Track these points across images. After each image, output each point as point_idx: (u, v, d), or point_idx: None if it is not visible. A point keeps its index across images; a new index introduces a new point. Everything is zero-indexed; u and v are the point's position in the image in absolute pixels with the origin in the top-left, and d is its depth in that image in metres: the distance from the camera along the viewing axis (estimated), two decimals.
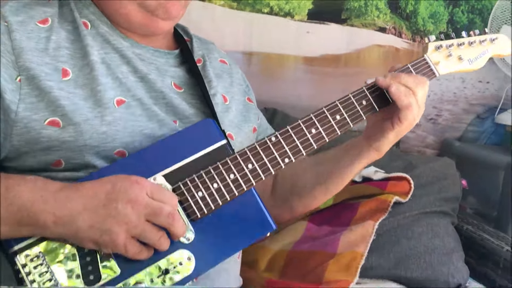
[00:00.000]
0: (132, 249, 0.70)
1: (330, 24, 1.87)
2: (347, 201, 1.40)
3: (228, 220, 0.79)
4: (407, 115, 0.87)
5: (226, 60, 1.06)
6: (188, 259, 0.75)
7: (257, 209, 0.81)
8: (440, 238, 1.33)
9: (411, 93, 0.87)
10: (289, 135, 0.84)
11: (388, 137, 0.91)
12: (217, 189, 0.78)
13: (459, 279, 1.27)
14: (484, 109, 2.05)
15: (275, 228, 0.81)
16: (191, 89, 0.93)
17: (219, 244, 0.78)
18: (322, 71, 1.90)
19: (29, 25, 0.81)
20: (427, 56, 0.96)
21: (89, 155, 0.78)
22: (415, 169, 1.48)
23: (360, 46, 1.93)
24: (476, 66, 1.00)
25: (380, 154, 0.95)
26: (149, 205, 0.70)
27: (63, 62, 0.80)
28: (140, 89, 0.86)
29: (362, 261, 1.21)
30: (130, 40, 0.89)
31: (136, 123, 0.82)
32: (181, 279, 0.74)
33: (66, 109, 0.77)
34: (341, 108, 0.88)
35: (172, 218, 0.71)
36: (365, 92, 0.89)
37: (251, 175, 0.80)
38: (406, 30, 1.96)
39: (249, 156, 0.81)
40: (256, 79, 1.79)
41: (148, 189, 0.71)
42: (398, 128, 0.89)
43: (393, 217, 1.35)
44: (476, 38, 0.99)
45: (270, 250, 1.29)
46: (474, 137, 2.06)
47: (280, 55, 1.87)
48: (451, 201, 1.47)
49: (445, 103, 2.02)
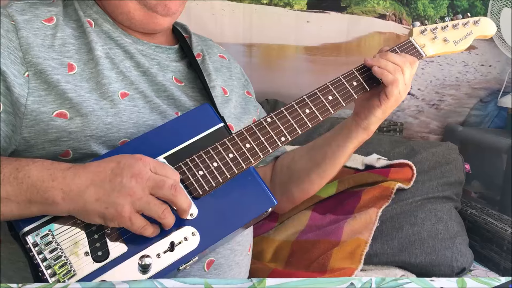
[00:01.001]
0: (137, 222, 0.72)
1: (330, 13, 1.87)
2: (350, 189, 1.41)
3: (230, 197, 0.81)
4: (393, 90, 0.90)
5: (225, 55, 1.10)
6: (193, 234, 0.77)
7: (257, 186, 0.84)
8: (444, 223, 1.34)
9: (398, 69, 0.90)
10: (284, 115, 0.88)
11: (376, 114, 0.94)
12: (216, 167, 0.81)
13: (463, 263, 1.28)
14: (487, 93, 2.04)
15: (276, 203, 0.84)
16: (192, 82, 0.96)
17: (222, 219, 0.80)
18: (323, 60, 1.90)
19: (35, 23, 0.85)
20: (412, 39, 1.00)
21: (95, 145, 0.82)
22: (417, 155, 1.49)
23: (360, 34, 1.92)
24: (462, 47, 1.03)
25: (369, 132, 0.98)
26: (152, 178, 0.72)
27: (68, 57, 0.85)
28: (143, 82, 0.89)
29: (366, 248, 1.22)
30: (132, 37, 0.93)
31: (139, 114, 0.86)
32: (187, 253, 0.77)
33: (73, 101, 0.81)
34: (333, 89, 0.91)
35: (175, 189, 0.73)
36: (355, 73, 0.93)
37: (249, 154, 0.83)
38: (406, 16, 1.95)
39: (246, 136, 0.84)
40: (257, 70, 1.79)
41: (152, 165, 0.73)
42: (385, 104, 0.93)
43: (396, 203, 1.36)
44: (460, 21, 1.03)
45: (275, 240, 1.31)
46: (477, 121, 2.06)
47: (280, 45, 1.87)
48: (454, 185, 1.47)
49: (448, 88, 2.01)
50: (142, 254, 0.74)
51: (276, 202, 0.84)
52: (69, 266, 0.72)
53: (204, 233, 0.78)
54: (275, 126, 0.86)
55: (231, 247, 0.91)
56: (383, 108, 0.94)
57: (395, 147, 1.55)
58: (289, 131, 0.87)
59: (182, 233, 0.77)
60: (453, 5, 1.98)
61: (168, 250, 0.76)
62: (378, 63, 0.91)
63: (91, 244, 0.74)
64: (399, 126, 1.83)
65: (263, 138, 0.85)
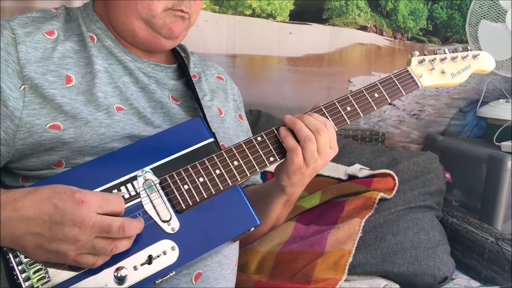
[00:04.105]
0: (85, 263, 0.70)
1: (312, 25, 1.89)
2: (334, 200, 1.42)
3: (213, 214, 0.81)
4: (292, 157, 0.84)
5: (223, 76, 1.11)
6: (172, 248, 0.77)
7: (242, 204, 0.83)
8: (426, 232, 1.35)
9: (310, 137, 0.84)
10: (274, 135, 0.87)
11: (282, 178, 0.89)
12: (202, 183, 0.80)
13: (445, 271, 1.29)
14: (466, 103, 2.08)
15: (259, 222, 0.83)
16: (188, 101, 0.98)
17: (203, 235, 0.80)
18: (306, 71, 1.92)
19: (37, 35, 0.86)
20: (409, 68, 0.99)
21: (88, 156, 0.82)
22: (399, 165, 1.50)
23: (342, 45, 1.95)
24: (459, 80, 1.03)
25: (289, 196, 0.92)
26: (97, 223, 0.68)
27: (67, 69, 0.85)
28: (141, 98, 0.90)
29: (350, 259, 1.23)
30: (132, 55, 0.94)
31: (134, 127, 0.86)
32: (165, 267, 0.76)
33: (68, 115, 0.82)
34: None
35: (123, 230, 0.70)
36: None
37: (236, 171, 0.83)
38: (387, 27, 1.98)
39: (235, 153, 0.84)
40: (240, 81, 1.80)
41: (95, 205, 0.69)
42: (287, 170, 0.87)
43: (378, 213, 1.37)
44: (459, 54, 1.03)
45: (259, 252, 1.31)
46: (457, 131, 2.10)
47: (263, 56, 1.89)
48: (435, 194, 1.49)
49: (428, 98, 2.05)
50: (119, 265, 0.73)
51: (259, 222, 0.83)
52: (44, 272, 0.71)
53: (184, 248, 0.77)
54: (264, 146, 0.86)
55: (219, 260, 0.90)
56: (288, 174, 0.87)
57: (377, 156, 1.56)
58: (278, 152, 0.86)
59: (161, 246, 0.76)
60: (432, 17, 2.02)
61: (146, 263, 0.75)
62: (293, 125, 0.85)
63: None
64: (381, 136, 1.86)
65: (251, 157, 0.84)
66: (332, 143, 0.86)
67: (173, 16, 0.90)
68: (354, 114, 0.92)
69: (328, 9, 1.90)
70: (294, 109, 1.87)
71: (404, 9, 1.98)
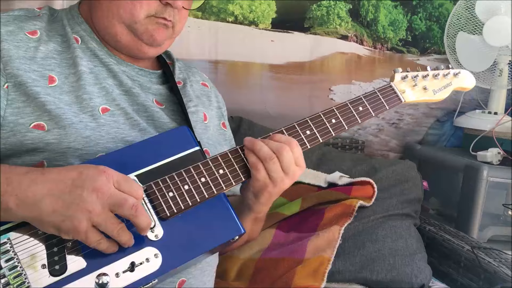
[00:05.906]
0: (92, 237, 0.70)
1: (294, 33, 1.91)
2: (314, 207, 1.42)
3: (198, 222, 0.81)
4: (256, 175, 0.85)
5: (207, 83, 1.11)
6: (155, 256, 0.76)
7: (227, 213, 0.83)
8: (404, 240, 1.37)
9: (271, 156, 0.84)
10: None
11: (248, 196, 0.90)
12: (187, 190, 0.80)
13: (422, 279, 1.31)
14: (443, 112, 2.12)
15: (244, 231, 0.83)
16: (172, 106, 0.97)
17: (187, 243, 0.79)
18: (287, 78, 1.93)
19: (19, 34, 0.85)
20: (393, 84, 1.02)
21: (72, 158, 0.81)
22: (378, 173, 1.52)
23: (323, 54, 1.97)
24: (440, 96, 1.06)
25: (256, 213, 0.93)
26: (114, 195, 0.70)
27: (49, 70, 0.84)
28: (124, 101, 0.90)
29: (329, 266, 1.24)
30: (117, 58, 0.93)
31: (119, 130, 0.86)
32: (147, 275, 0.75)
33: (52, 114, 0.80)
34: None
35: (135, 209, 0.71)
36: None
37: (221, 180, 0.83)
38: (367, 37, 2.01)
39: (221, 162, 0.84)
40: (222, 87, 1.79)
41: (115, 179, 0.72)
42: (253, 188, 0.88)
43: (358, 221, 1.39)
44: (440, 72, 1.05)
45: (239, 259, 1.31)
46: (435, 140, 2.14)
47: (245, 63, 1.89)
48: (413, 203, 1.51)
49: (406, 107, 2.08)
50: (100, 272, 0.73)
51: (244, 231, 0.83)
52: (23, 278, 0.70)
53: (167, 256, 0.76)
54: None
55: (202, 267, 0.90)
56: (254, 193, 0.88)
57: (357, 164, 1.58)
58: None
59: (144, 254, 0.76)
60: (412, 28, 2.06)
61: (128, 270, 0.74)
62: (252, 147, 0.85)
63: (49, 256, 0.72)
64: (360, 144, 1.88)
65: (237, 166, 0.85)
66: (299, 161, 0.86)
67: (155, 24, 0.90)
68: (339, 126, 0.94)
69: (309, 18, 1.92)
70: (275, 116, 1.88)
71: (384, 19, 2.01)
